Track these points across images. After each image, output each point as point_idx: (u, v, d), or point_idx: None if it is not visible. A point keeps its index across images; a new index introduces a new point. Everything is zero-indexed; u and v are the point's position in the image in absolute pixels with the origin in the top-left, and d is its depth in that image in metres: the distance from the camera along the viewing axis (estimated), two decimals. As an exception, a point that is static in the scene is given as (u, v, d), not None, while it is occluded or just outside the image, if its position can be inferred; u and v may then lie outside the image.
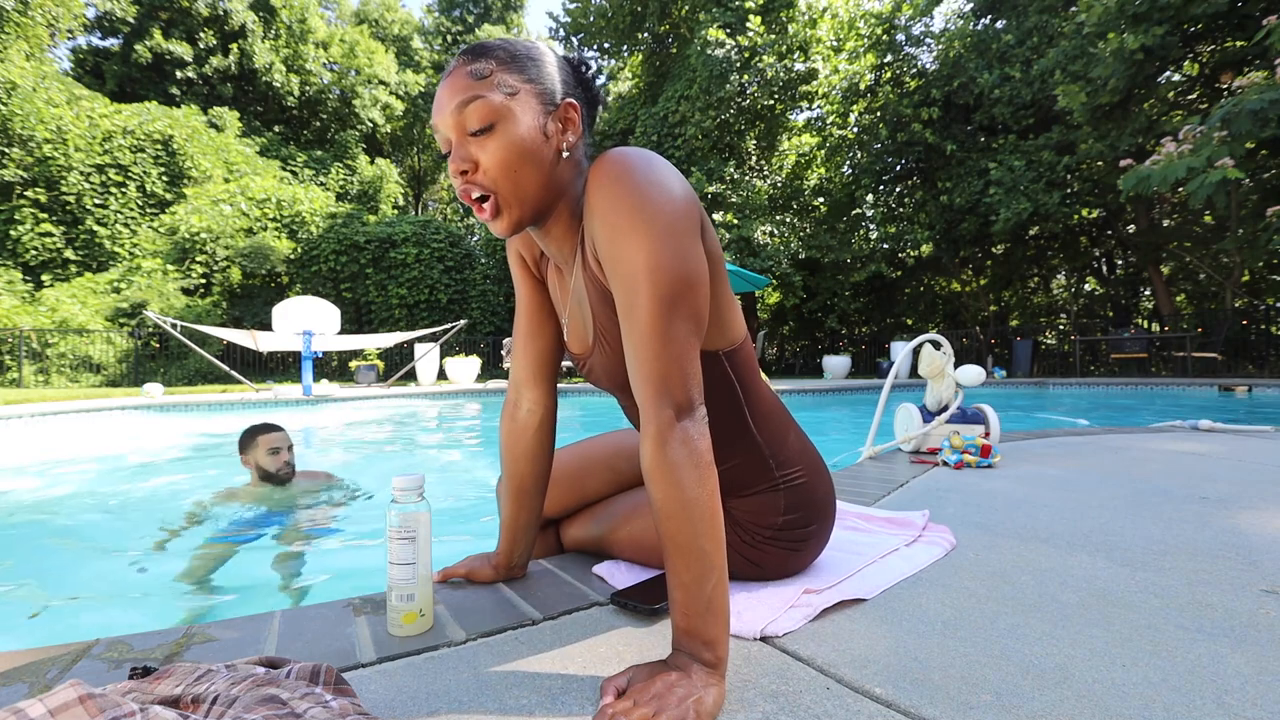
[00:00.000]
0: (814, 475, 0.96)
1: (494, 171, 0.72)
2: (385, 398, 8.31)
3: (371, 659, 0.74)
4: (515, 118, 0.72)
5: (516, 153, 0.72)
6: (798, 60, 13.20)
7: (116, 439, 4.97)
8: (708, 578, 0.67)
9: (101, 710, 0.46)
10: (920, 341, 2.32)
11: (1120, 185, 7.66)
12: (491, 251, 15.85)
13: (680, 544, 0.67)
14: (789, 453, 0.94)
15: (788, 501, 0.92)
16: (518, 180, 0.73)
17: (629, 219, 0.69)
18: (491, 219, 0.75)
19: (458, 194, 0.75)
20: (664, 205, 0.70)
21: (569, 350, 0.96)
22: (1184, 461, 2.17)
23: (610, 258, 0.71)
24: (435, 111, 0.74)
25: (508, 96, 0.72)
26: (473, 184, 0.73)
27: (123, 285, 13.30)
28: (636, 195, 0.69)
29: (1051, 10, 11.25)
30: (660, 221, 0.69)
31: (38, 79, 14.79)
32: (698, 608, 0.66)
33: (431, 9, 27.57)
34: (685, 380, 0.69)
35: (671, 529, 0.67)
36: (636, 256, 0.68)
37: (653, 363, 0.68)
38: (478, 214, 0.75)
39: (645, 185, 0.70)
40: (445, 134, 0.73)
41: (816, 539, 0.97)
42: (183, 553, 1.95)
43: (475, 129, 0.71)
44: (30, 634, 1.46)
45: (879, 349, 14.40)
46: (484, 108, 0.71)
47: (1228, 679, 0.69)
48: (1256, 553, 1.15)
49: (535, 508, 1.00)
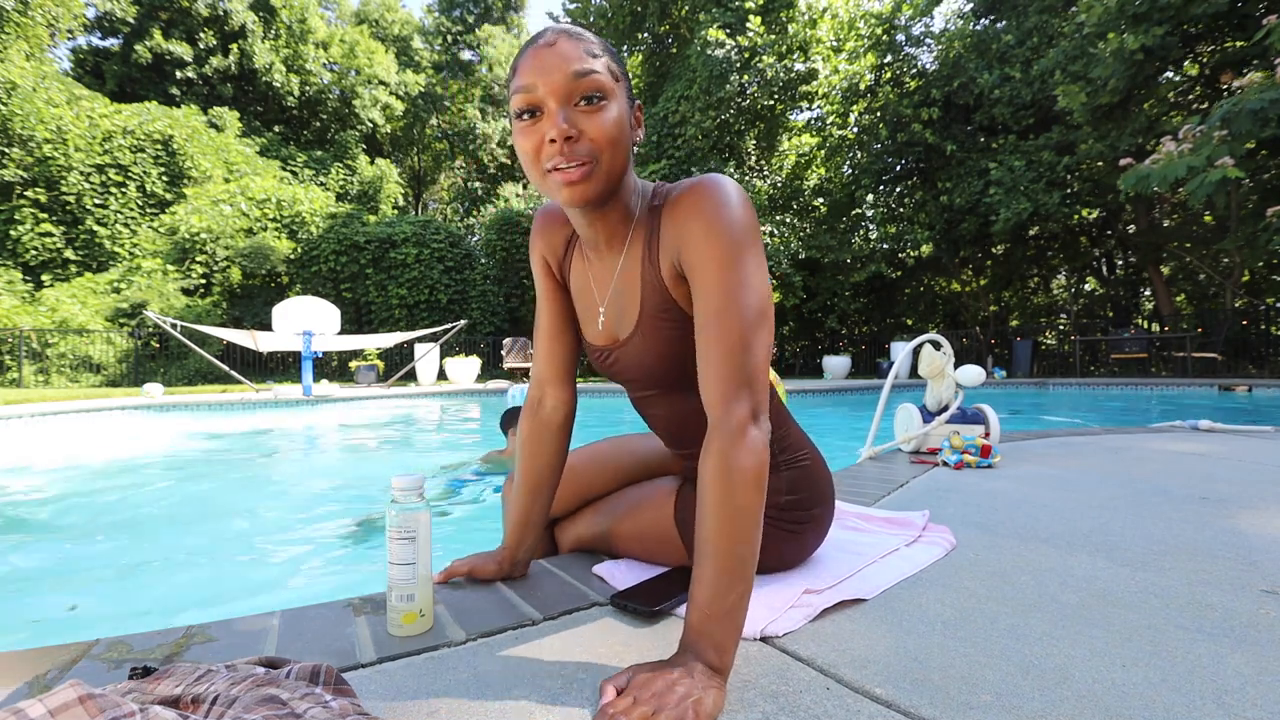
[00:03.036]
0: (815, 461, 1.00)
1: (601, 142, 0.75)
2: (385, 398, 8.31)
3: (371, 659, 0.73)
4: (619, 100, 0.77)
5: (618, 130, 0.77)
6: (798, 60, 13.20)
7: (116, 439, 4.97)
8: (736, 585, 0.68)
9: (101, 710, 0.46)
10: (920, 342, 2.32)
11: (1120, 185, 7.66)
12: (491, 252, 15.85)
13: (720, 546, 0.68)
14: (791, 439, 0.98)
15: (790, 483, 0.96)
16: (614, 155, 0.77)
17: (737, 241, 0.76)
18: (581, 182, 0.76)
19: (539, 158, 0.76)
20: (755, 235, 0.79)
21: (591, 343, 0.98)
22: (1184, 461, 2.17)
23: (713, 271, 0.76)
24: (537, 71, 0.74)
25: (613, 80, 0.77)
26: (576, 149, 0.75)
27: (123, 285, 13.30)
28: (741, 223, 0.77)
29: (1051, 10, 11.25)
30: (755, 248, 0.78)
31: (38, 79, 14.78)
32: (718, 611, 0.67)
33: (431, 9, 27.56)
34: (763, 388, 0.75)
35: (715, 529, 0.69)
36: (740, 275, 0.75)
37: (741, 367, 0.73)
38: (563, 178, 0.76)
39: (743, 214, 0.78)
40: (545, 96, 0.74)
41: (816, 527, 0.99)
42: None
43: (587, 96, 0.74)
44: (30, 634, 1.46)
45: (879, 349, 14.39)
46: (601, 82, 0.75)
47: (1228, 679, 0.69)
48: (1256, 553, 1.15)
49: (547, 503, 1.02)
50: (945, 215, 12.41)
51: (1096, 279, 15.16)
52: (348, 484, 3.25)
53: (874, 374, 12.56)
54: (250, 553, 2.06)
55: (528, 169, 0.78)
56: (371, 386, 10.30)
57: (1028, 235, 12.60)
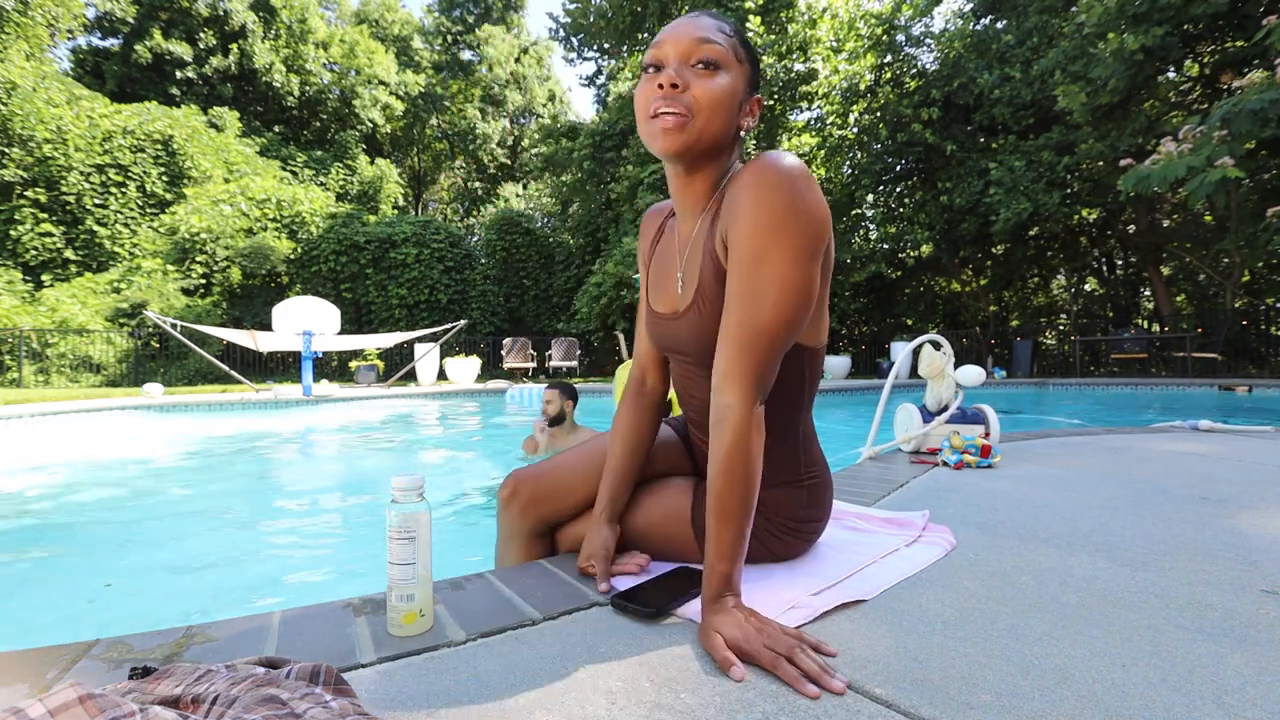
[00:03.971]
0: (825, 478, 1.06)
1: (702, 99, 0.83)
2: (385, 398, 8.31)
3: (371, 659, 0.73)
4: (735, 77, 0.85)
5: (724, 96, 0.84)
6: (797, 61, 13.19)
7: (116, 439, 4.97)
8: (746, 536, 0.81)
9: (101, 710, 0.46)
10: (920, 342, 2.32)
11: (1120, 185, 7.66)
12: (491, 252, 15.86)
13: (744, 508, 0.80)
14: (814, 454, 1.05)
15: (810, 497, 1.03)
16: (712, 116, 0.84)
17: (773, 230, 0.79)
18: (674, 129, 0.83)
19: (647, 103, 0.84)
20: (806, 227, 0.80)
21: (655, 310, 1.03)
22: (1184, 461, 2.17)
23: (745, 257, 0.81)
24: (669, 32, 0.85)
25: (735, 60, 0.85)
26: (678, 99, 0.82)
27: (123, 285, 13.29)
28: (785, 209, 0.79)
29: (1051, 10, 11.25)
30: (800, 243, 0.80)
31: (38, 79, 14.77)
32: (739, 556, 0.80)
33: (431, 9, 27.55)
34: (771, 381, 0.83)
35: (738, 493, 0.80)
36: (772, 270, 0.79)
37: (757, 361, 0.81)
38: (661, 125, 0.83)
39: (796, 201, 0.80)
40: (670, 53, 0.84)
41: (819, 531, 1.09)
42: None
43: (704, 61, 0.83)
44: (30, 634, 1.46)
45: (879, 349, 14.38)
46: (720, 52, 0.84)
47: (1228, 679, 0.69)
48: (1256, 553, 1.15)
49: (640, 466, 1.09)
50: (945, 215, 12.40)
51: (1096, 279, 15.15)
52: (348, 484, 3.25)
53: (874, 374, 12.55)
54: (250, 553, 2.06)
55: (639, 118, 0.86)
56: (371, 386, 10.30)
57: (1028, 235, 12.60)
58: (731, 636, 0.73)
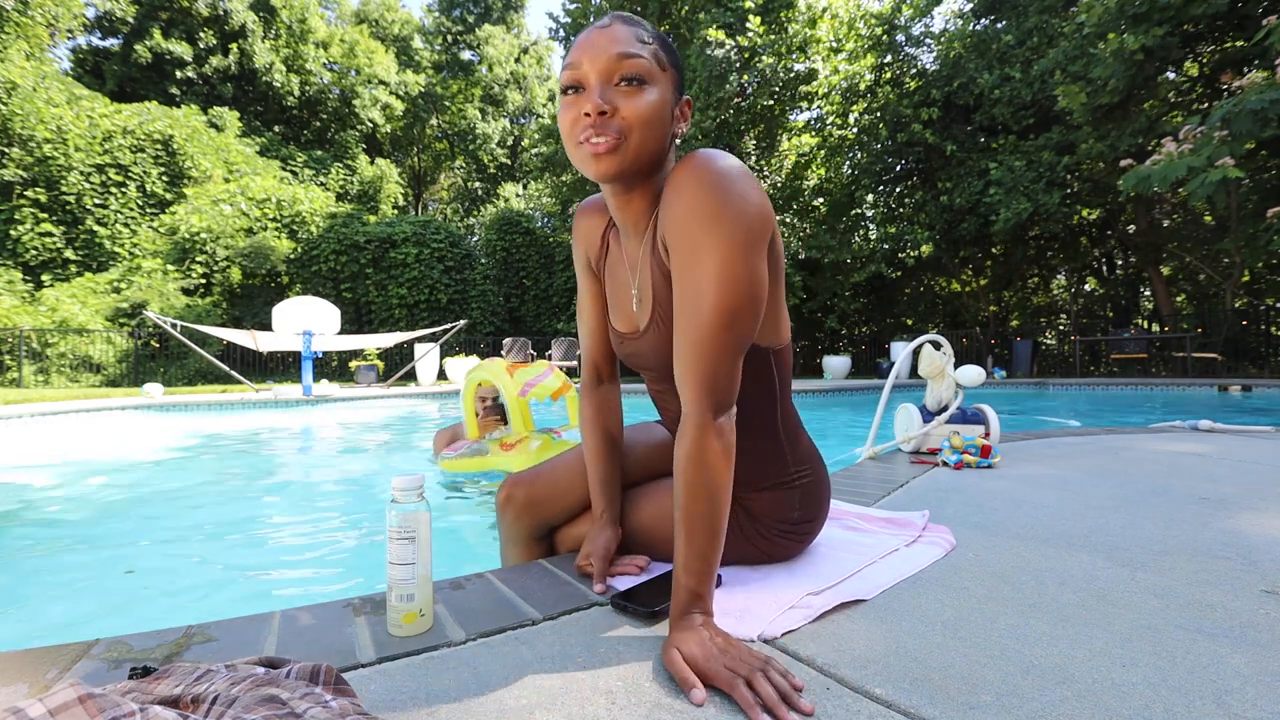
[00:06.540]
0: (819, 474, 1.03)
1: (633, 119, 0.78)
2: (385, 398, 8.31)
3: (371, 659, 0.73)
4: (662, 88, 0.80)
5: (655, 112, 0.79)
6: (797, 60, 13.18)
7: (116, 439, 4.97)
8: (716, 551, 0.77)
9: (101, 710, 0.46)
10: (920, 342, 2.32)
11: (1120, 185, 7.67)
12: (491, 252, 15.86)
13: (706, 522, 0.76)
14: (802, 451, 1.01)
15: (802, 499, 0.99)
16: (646, 136, 0.79)
17: (706, 227, 0.75)
18: (607, 154, 0.79)
19: (575, 130, 0.80)
20: (740, 219, 0.75)
21: (615, 329, 1.01)
22: (1184, 461, 2.17)
23: (683, 258, 0.77)
24: (585, 50, 0.79)
25: (659, 68, 0.81)
26: (608, 124, 0.77)
27: (123, 285, 13.29)
28: (717, 204, 0.75)
29: (1051, 10, 11.25)
30: (736, 236, 0.75)
31: (38, 79, 14.77)
32: (708, 572, 0.76)
33: (431, 9, 27.56)
34: (730, 385, 0.78)
35: (700, 508, 0.76)
36: (709, 266, 0.75)
37: (706, 366, 0.76)
38: (592, 149, 0.79)
39: (727, 195, 0.75)
40: (589, 73, 0.78)
41: (817, 530, 1.07)
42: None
43: (628, 78, 0.78)
44: (30, 634, 1.46)
45: (879, 349, 14.39)
46: (643, 65, 0.79)
47: (1228, 679, 0.69)
48: (1256, 553, 1.15)
49: (619, 464, 1.07)
50: (945, 215, 12.41)
51: (1096, 279, 15.16)
52: (348, 484, 3.25)
53: (874, 374, 12.56)
54: (250, 553, 2.06)
55: (565, 142, 0.82)
56: (371, 386, 10.30)
57: (1028, 235, 12.60)
58: (691, 654, 0.69)
